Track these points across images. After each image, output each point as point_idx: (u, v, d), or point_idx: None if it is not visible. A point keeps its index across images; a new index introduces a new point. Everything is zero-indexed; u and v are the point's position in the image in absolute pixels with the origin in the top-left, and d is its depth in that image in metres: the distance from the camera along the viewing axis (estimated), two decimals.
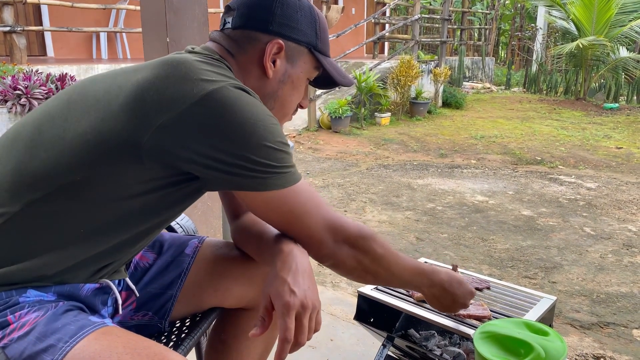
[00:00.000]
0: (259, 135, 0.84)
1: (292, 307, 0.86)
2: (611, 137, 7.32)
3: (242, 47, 0.98)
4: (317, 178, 5.12)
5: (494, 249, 3.32)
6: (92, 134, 0.84)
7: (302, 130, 7.45)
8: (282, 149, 0.87)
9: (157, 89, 0.83)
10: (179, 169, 0.86)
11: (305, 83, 1.06)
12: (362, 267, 0.99)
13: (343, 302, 2.44)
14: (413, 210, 4.11)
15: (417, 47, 9.48)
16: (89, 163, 0.84)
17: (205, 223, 2.25)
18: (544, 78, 12.28)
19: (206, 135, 0.82)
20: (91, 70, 6.40)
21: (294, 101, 1.06)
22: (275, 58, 0.99)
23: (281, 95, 1.03)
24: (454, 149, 6.58)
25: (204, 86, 0.82)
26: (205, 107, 0.81)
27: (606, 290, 2.74)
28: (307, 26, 1.01)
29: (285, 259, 0.92)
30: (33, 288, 0.89)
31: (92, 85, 0.92)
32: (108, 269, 0.97)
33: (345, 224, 0.95)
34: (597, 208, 4.22)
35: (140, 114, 0.82)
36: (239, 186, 0.87)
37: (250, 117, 0.83)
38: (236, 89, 0.85)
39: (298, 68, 1.02)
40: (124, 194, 0.87)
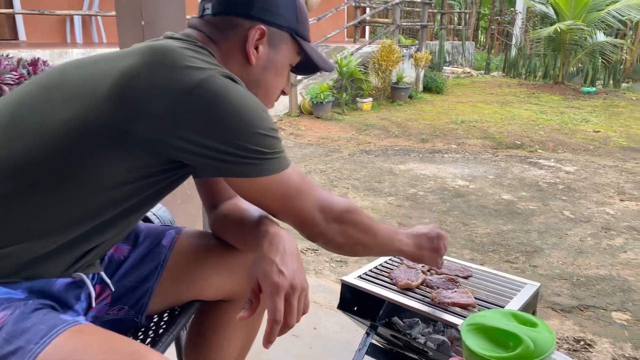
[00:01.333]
0: (250, 122, 0.83)
1: (281, 287, 0.85)
2: (589, 120, 7.41)
3: (223, 33, 0.96)
4: (299, 164, 5.08)
5: (475, 233, 3.34)
6: (75, 122, 0.81)
7: (283, 115, 7.38)
8: (272, 135, 0.87)
9: (145, 77, 0.81)
10: (169, 158, 0.85)
11: (287, 69, 1.05)
12: (352, 240, 1.01)
13: (326, 289, 2.42)
14: (395, 195, 4.10)
15: (398, 32, 9.43)
16: (71, 152, 0.81)
17: (184, 212, 2.20)
18: (523, 62, 12.35)
19: (198, 124, 0.81)
20: (65, 55, 6.22)
21: (278, 87, 1.05)
22: (258, 44, 0.97)
23: (265, 82, 1.01)
24: (435, 133, 6.59)
25: (194, 75, 0.81)
26: (196, 95, 0.80)
27: (586, 273, 2.77)
28: (288, 11, 0.99)
29: (272, 240, 0.91)
30: (1, 285, 0.85)
31: (72, 71, 0.89)
32: (84, 261, 0.94)
33: (334, 202, 0.97)
34: (576, 191, 4.26)
35: (128, 102, 0.80)
36: (232, 173, 0.86)
37: (240, 105, 0.83)
38: (224, 77, 0.84)
39: (280, 54, 1.01)
40: (109, 184, 0.85)
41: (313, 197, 0.94)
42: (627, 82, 11.61)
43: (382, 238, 1.07)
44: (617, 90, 10.59)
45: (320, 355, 1.87)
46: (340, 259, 2.87)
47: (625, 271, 2.80)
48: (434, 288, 1.43)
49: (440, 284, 1.45)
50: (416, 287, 1.45)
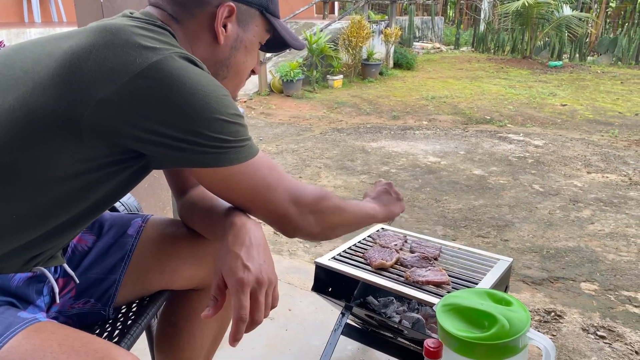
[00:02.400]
0: (210, 108, 0.77)
1: (246, 283, 0.81)
2: (556, 94, 7.52)
3: (189, 11, 0.90)
4: (271, 144, 5.03)
5: (447, 209, 3.36)
6: (20, 110, 0.75)
7: (253, 94, 7.28)
8: (236, 121, 0.81)
9: (95, 59, 0.74)
10: (124, 147, 0.78)
11: (257, 47, 1.00)
12: (328, 227, 0.98)
13: (300, 270, 2.41)
14: (368, 173, 4.10)
15: (367, 7, 9.35)
16: (19, 143, 0.75)
17: (152, 196, 2.14)
18: (491, 37, 12.43)
19: (153, 110, 0.74)
20: (22, 35, 5.97)
21: (248, 67, 1.00)
22: (227, 22, 0.92)
23: (234, 62, 0.97)
24: (406, 110, 6.60)
25: (148, 55, 0.75)
26: (150, 78, 0.74)
27: (555, 245, 2.83)
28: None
29: (237, 232, 0.86)
30: None
31: (18, 55, 0.82)
32: (43, 256, 0.89)
33: (305, 192, 0.92)
34: (544, 165, 4.33)
35: (77, 86, 0.73)
36: (193, 163, 0.81)
37: (199, 88, 0.77)
38: (182, 58, 0.78)
39: (250, 32, 0.96)
40: (61, 175, 0.79)
41: (284, 189, 0.89)
42: (592, 55, 11.81)
43: (353, 214, 1.05)
44: (583, 63, 10.77)
45: (295, 336, 1.86)
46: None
47: (592, 242, 2.86)
48: (408, 267, 1.43)
49: (414, 263, 1.44)
50: (390, 267, 1.44)
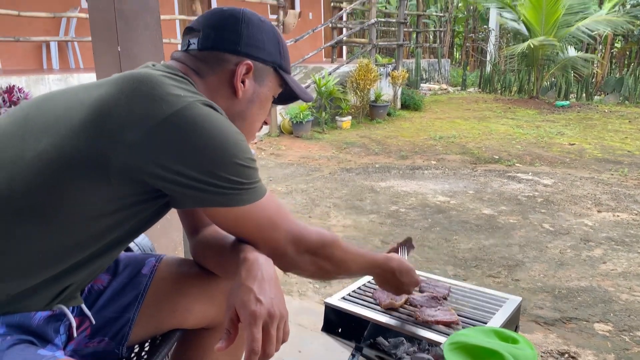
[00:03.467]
0: (229, 152, 0.84)
1: (258, 316, 0.83)
2: (564, 134, 7.56)
3: (211, 68, 0.98)
4: (281, 184, 5.08)
5: (457, 249, 3.36)
6: (53, 153, 0.80)
7: (263, 136, 7.39)
8: (250, 165, 0.87)
9: (124, 105, 0.80)
10: (148, 187, 0.84)
11: (270, 100, 1.08)
12: (323, 271, 1.03)
13: (310, 311, 2.40)
14: (377, 213, 4.12)
15: (375, 51, 9.56)
16: (51, 183, 0.80)
17: (165, 236, 2.17)
18: (498, 78, 12.60)
19: (176, 152, 0.81)
20: (42, 81, 6.17)
21: (261, 119, 1.08)
22: (245, 78, 1.00)
23: (250, 115, 1.04)
24: (414, 150, 6.65)
25: (174, 102, 0.81)
26: (175, 123, 0.80)
27: (567, 285, 2.80)
28: (271, 45, 1.03)
29: (250, 267, 0.90)
30: None
31: (50, 102, 0.88)
32: (65, 294, 0.92)
33: (306, 235, 0.98)
34: (554, 204, 4.33)
35: (107, 130, 0.79)
36: (209, 203, 0.86)
37: (220, 134, 0.83)
38: (205, 105, 0.85)
39: (265, 87, 1.04)
40: (88, 215, 0.84)
41: (285, 229, 0.95)
42: (599, 95, 11.90)
43: (355, 269, 1.12)
44: (590, 103, 10.84)
45: None
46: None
47: (605, 282, 2.83)
48: (418, 307, 1.44)
49: (424, 302, 1.45)
50: (400, 307, 1.45)
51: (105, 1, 1.96)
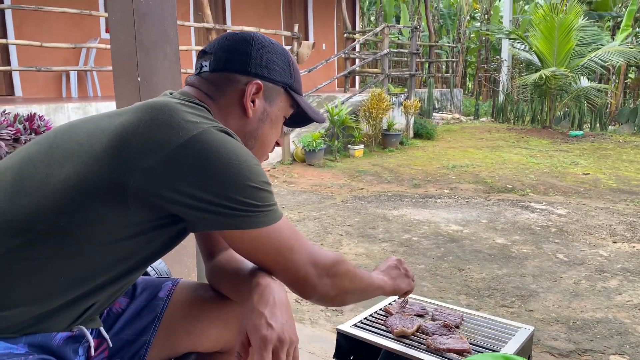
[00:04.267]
0: (243, 176, 0.86)
1: (269, 341, 0.85)
2: (578, 163, 7.53)
3: (221, 89, 1.01)
4: (293, 212, 5.10)
5: (470, 278, 3.34)
6: (76, 179, 0.84)
7: (276, 163, 7.45)
8: (265, 188, 0.89)
9: (142, 132, 0.84)
10: (165, 212, 0.86)
11: (282, 121, 1.10)
12: (342, 291, 1.03)
13: (322, 339, 2.39)
14: (389, 241, 4.11)
15: (387, 81, 9.67)
16: (73, 208, 0.83)
17: (179, 262, 2.20)
18: (511, 108, 12.63)
19: (192, 177, 0.83)
20: (60, 110, 6.32)
21: (273, 139, 1.09)
22: (255, 98, 1.02)
23: (261, 134, 1.05)
24: (427, 179, 6.66)
25: (189, 128, 0.85)
26: (191, 149, 0.83)
27: (582, 316, 2.77)
28: (281, 66, 1.05)
29: (262, 292, 0.92)
30: (2, 339, 0.86)
31: (74, 130, 0.92)
32: (85, 316, 0.95)
33: (323, 256, 0.98)
34: (568, 234, 4.29)
35: (126, 157, 0.82)
36: (225, 226, 0.88)
37: (234, 158, 0.85)
38: (219, 131, 0.88)
39: (276, 107, 1.06)
40: (108, 239, 0.86)
41: (305, 251, 0.95)
42: (613, 125, 11.86)
43: (365, 283, 1.11)
44: (604, 133, 10.80)
45: None
46: (335, 307, 2.86)
47: (621, 314, 2.79)
48: (429, 334, 1.44)
49: (436, 330, 1.45)
50: (411, 334, 1.45)
51: (126, 32, 2.04)
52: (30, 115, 4.44)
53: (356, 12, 14.36)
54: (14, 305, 0.85)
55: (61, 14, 7.14)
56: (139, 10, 2.00)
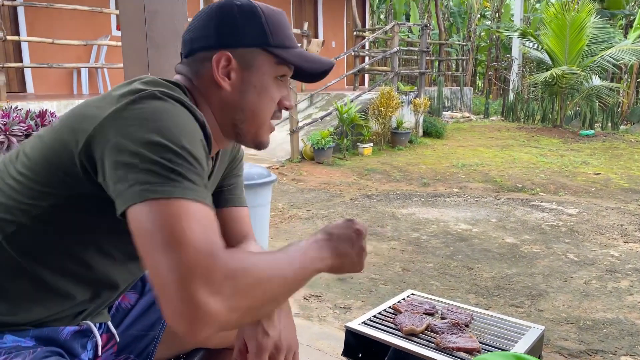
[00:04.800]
0: (158, 131, 0.75)
1: (264, 348, 0.84)
2: (589, 163, 7.46)
3: (196, 72, 0.96)
4: (302, 209, 5.10)
5: (479, 277, 3.32)
6: (53, 158, 0.83)
7: (285, 161, 7.46)
8: (185, 155, 0.75)
9: (96, 104, 0.83)
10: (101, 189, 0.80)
11: (274, 83, 0.97)
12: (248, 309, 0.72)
13: (330, 336, 2.39)
14: (398, 240, 4.10)
15: (397, 79, 9.64)
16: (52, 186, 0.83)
17: None
18: (521, 106, 12.54)
19: (114, 136, 0.76)
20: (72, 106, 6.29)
21: (266, 107, 0.98)
22: (229, 70, 0.94)
23: (247, 105, 0.96)
24: (436, 177, 6.63)
25: (134, 93, 0.81)
26: (127, 109, 0.78)
27: (592, 316, 2.74)
28: (251, 27, 0.94)
29: None
30: (10, 333, 0.86)
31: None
32: (91, 308, 0.95)
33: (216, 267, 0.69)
34: (579, 234, 4.26)
35: (77, 128, 0.81)
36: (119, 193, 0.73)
37: (161, 116, 0.77)
38: (165, 96, 0.81)
39: (257, 72, 0.95)
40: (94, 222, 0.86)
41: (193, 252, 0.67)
42: (625, 124, 11.75)
43: (285, 278, 0.78)
44: (615, 132, 10.70)
45: None
46: (344, 305, 2.85)
47: (632, 314, 2.77)
48: (439, 333, 1.43)
49: (445, 329, 1.44)
50: (421, 333, 1.44)
51: (137, 29, 2.04)
52: (41, 111, 4.48)
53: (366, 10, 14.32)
54: (19, 299, 0.85)
55: (73, 11, 7.17)
56: (149, 7, 2.01)
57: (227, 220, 1.12)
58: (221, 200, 1.13)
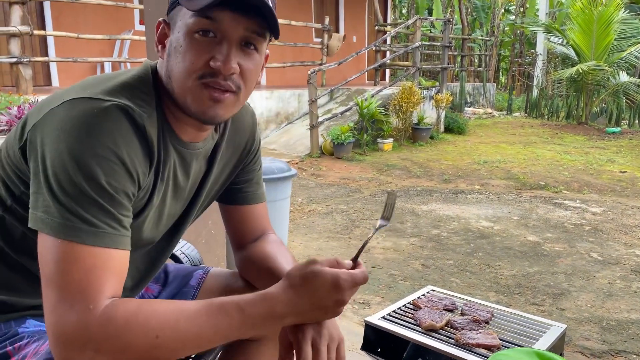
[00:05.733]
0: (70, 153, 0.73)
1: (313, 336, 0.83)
2: (615, 161, 7.32)
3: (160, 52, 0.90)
4: (321, 204, 5.11)
5: (500, 275, 3.29)
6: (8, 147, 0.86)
7: (304, 156, 7.47)
8: (85, 189, 0.73)
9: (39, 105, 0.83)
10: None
11: (192, 40, 0.82)
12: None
13: (350, 331, 2.40)
14: (418, 236, 4.08)
15: (418, 74, 9.57)
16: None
17: (209, 252, 2.23)
18: (545, 103, 12.35)
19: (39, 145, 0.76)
20: None
21: (183, 67, 0.83)
22: (164, 38, 0.88)
23: (171, 70, 0.85)
24: (458, 174, 6.58)
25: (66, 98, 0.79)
26: (58, 109, 0.77)
27: (616, 317, 2.70)
28: None
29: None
30: (31, 317, 0.88)
31: None
32: None
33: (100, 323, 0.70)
34: (603, 233, 4.18)
35: (23, 127, 0.82)
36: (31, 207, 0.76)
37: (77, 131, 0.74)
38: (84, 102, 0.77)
39: (175, 31, 0.85)
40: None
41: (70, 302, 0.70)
42: None
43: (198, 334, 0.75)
44: None
45: None
46: (363, 300, 2.86)
47: None
48: (459, 329, 1.43)
49: (465, 325, 1.44)
50: (440, 328, 1.44)
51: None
52: None
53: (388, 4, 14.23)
54: (34, 283, 0.87)
55: (97, 5, 7.28)
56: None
57: (242, 218, 1.11)
58: (236, 197, 1.11)
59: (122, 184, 0.76)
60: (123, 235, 0.77)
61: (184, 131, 0.91)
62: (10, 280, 0.87)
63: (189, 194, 1.01)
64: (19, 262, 0.87)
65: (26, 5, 6.34)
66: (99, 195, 0.74)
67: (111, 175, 0.75)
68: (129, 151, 0.78)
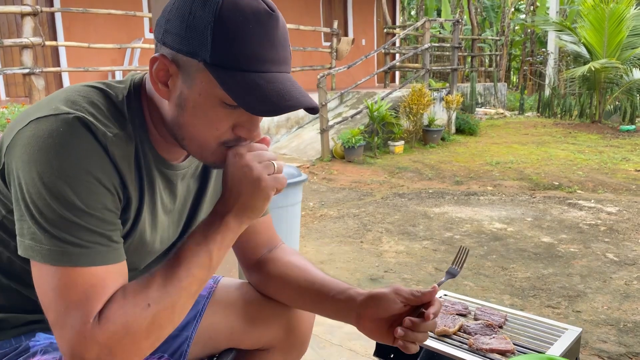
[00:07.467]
0: (42, 175, 0.71)
1: None
2: (630, 159, 7.22)
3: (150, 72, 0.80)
4: (332, 208, 5.10)
5: (514, 278, 3.25)
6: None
7: (315, 160, 7.47)
8: (63, 212, 0.71)
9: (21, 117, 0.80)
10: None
11: (219, 109, 0.77)
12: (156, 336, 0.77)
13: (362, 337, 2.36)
14: (430, 239, 4.06)
15: (428, 75, 9.54)
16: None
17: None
18: (557, 102, 12.23)
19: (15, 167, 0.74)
20: None
21: (207, 133, 0.79)
22: (168, 75, 0.78)
23: (185, 124, 0.79)
24: (470, 175, 6.54)
25: (41, 114, 0.75)
26: (25, 131, 0.74)
27: (633, 318, 2.66)
28: (195, 32, 0.73)
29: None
30: (42, 331, 0.88)
31: None
32: None
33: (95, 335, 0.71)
34: (619, 233, 4.13)
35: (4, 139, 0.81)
36: (18, 234, 0.75)
37: (46, 151, 0.72)
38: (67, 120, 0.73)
39: (195, 89, 0.76)
40: None
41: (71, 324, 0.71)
42: None
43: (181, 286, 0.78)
44: None
45: None
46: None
47: None
48: (472, 334, 1.41)
49: (478, 330, 1.42)
50: (453, 334, 1.42)
51: None
52: None
53: (396, 6, 14.22)
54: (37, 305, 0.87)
55: (107, 15, 7.35)
56: None
57: (248, 233, 1.05)
58: None
59: (100, 201, 0.74)
60: (115, 249, 0.76)
61: (167, 150, 0.88)
62: (9, 299, 0.88)
63: (180, 215, 0.98)
64: (10, 285, 0.87)
65: (38, 17, 6.42)
66: (79, 218, 0.72)
67: (87, 195, 0.72)
68: (102, 164, 0.75)
